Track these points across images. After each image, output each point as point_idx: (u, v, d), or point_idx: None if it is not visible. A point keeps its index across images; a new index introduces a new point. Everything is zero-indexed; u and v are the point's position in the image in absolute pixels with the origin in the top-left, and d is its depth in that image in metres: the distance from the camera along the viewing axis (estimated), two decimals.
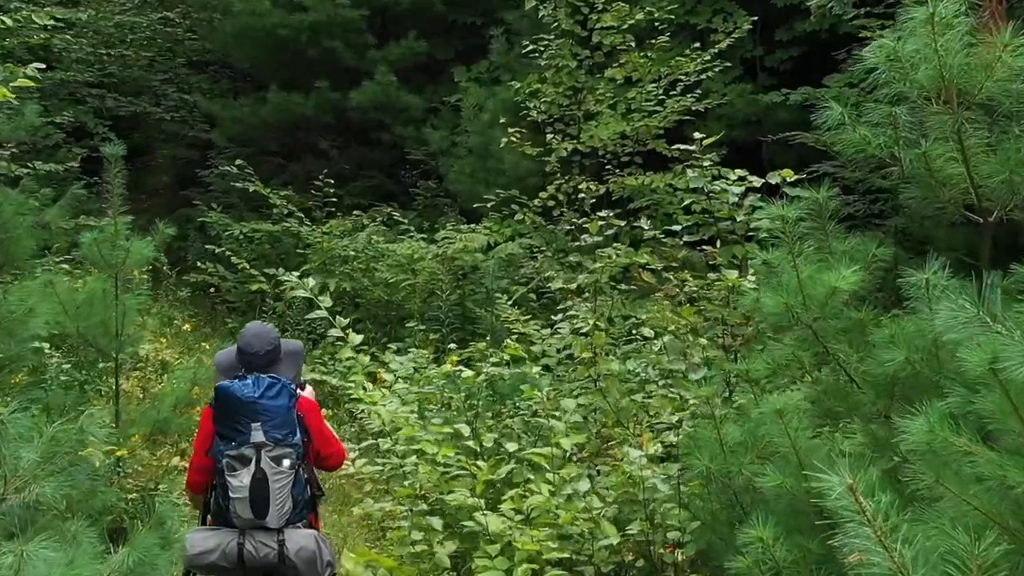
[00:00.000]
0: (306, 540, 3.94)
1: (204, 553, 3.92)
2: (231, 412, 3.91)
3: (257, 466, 3.85)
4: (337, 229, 10.99)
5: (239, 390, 3.90)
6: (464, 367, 8.18)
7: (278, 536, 3.90)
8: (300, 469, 3.98)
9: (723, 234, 4.83)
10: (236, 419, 3.89)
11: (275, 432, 3.88)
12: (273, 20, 12.85)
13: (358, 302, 9.67)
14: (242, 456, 3.87)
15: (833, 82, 9.58)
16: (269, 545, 3.90)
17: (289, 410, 3.93)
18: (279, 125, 13.60)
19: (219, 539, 3.94)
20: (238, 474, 3.86)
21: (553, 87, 9.03)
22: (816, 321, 3.50)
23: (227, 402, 3.92)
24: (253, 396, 3.88)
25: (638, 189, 8.71)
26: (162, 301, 11.65)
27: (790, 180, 4.69)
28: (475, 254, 8.99)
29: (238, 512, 3.89)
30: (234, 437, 3.88)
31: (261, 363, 4.01)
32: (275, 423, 3.89)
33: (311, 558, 3.91)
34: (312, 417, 4.10)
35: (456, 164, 11.65)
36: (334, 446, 4.21)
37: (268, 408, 3.88)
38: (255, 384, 3.91)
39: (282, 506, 3.89)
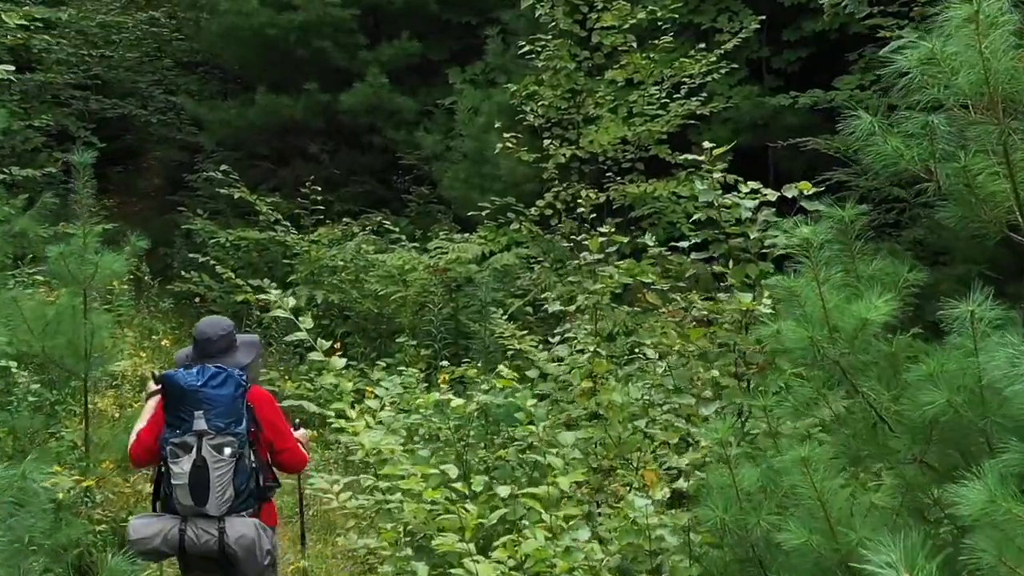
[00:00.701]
0: (246, 528, 4.00)
1: (146, 539, 4.00)
2: (175, 400, 4.00)
3: (198, 454, 3.92)
4: (326, 237, 10.64)
5: (183, 379, 4.00)
6: (456, 386, 7.91)
7: (219, 524, 3.97)
8: (246, 459, 4.05)
9: (734, 252, 4.47)
10: (180, 407, 3.98)
11: (217, 420, 3.95)
12: (261, 20, 12.50)
13: (347, 315, 9.30)
14: (184, 443, 3.94)
15: (843, 84, 9.24)
16: (209, 532, 3.97)
17: (234, 399, 4.01)
18: (267, 128, 13.25)
19: (161, 525, 4.01)
20: (180, 461, 3.94)
21: (551, 89, 8.67)
22: (844, 356, 3.13)
23: (171, 390, 4.02)
24: (195, 384, 3.97)
25: (640, 197, 8.36)
26: (143, 312, 11.28)
27: (807, 193, 4.33)
28: (469, 265, 8.63)
29: (179, 499, 3.96)
30: (178, 425, 3.96)
31: (215, 349, 4.15)
32: (217, 412, 3.96)
33: (250, 546, 3.98)
34: (264, 408, 4.18)
35: (450, 169, 11.30)
36: (288, 442, 4.26)
37: (211, 397, 3.96)
38: (199, 373, 4.01)
39: (222, 494, 3.95)
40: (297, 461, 4.36)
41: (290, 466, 4.39)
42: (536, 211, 8.60)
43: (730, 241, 4.45)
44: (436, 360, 8.43)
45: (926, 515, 3.35)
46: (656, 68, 8.46)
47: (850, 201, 3.56)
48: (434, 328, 8.35)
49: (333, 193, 12.96)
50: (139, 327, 11.05)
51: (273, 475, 4.25)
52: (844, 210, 3.51)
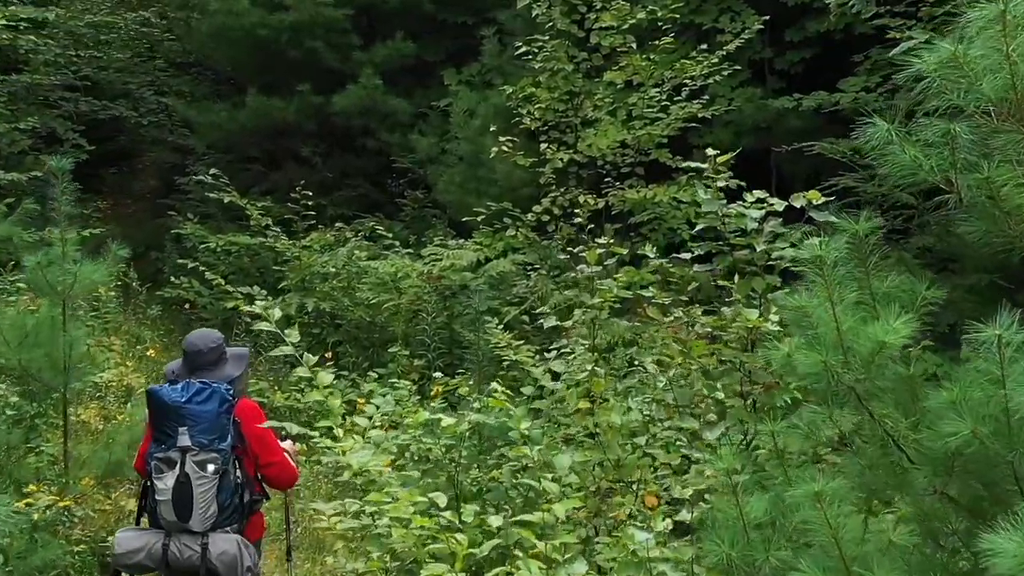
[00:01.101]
0: (228, 545, 4.02)
1: (131, 552, 4.06)
2: (160, 416, 4.03)
3: (181, 469, 3.95)
4: (318, 243, 10.45)
5: (167, 395, 4.02)
6: (450, 397, 7.71)
7: (202, 539, 4.00)
8: (231, 475, 4.06)
9: (739, 264, 4.27)
10: (165, 423, 4.01)
11: (201, 437, 3.97)
12: (252, 20, 12.30)
13: (339, 323, 9.10)
14: (168, 459, 3.98)
15: (848, 86, 9.04)
16: (192, 548, 4.00)
17: (218, 415, 4.03)
18: (259, 131, 13.05)
19: (146, 540, 4.06)
20: (163, 477, 3.98)
21: (548, 92, 8.45)
22: (860, 382, 2.93)
23: (156, 406, 4.05)
24: (179, 401, 3.99)
25: (640, 203, 8.16)
26: (131, 319, 11.09)
27: (816, 203, 4.13)
28: (463, 273, 8.42)
29: (163, 514, 4.01)
30: (163, 440, 4.00)
31: (204, 362, 4.19)
32: (201, 428, 3.98)
33: (232, 563, 4.01)
34: (250, 423, 4.17)
35: (445, 173, 11.09)
36: (276, 456, 4.26)
37: (194, 413, 3.98)
38: (184, 389, 4.03)
39: (206, 510, 3.99)
40: (285, 475, 4.33)
41: (278, 480, 4.34)
42: (533, 217, 8.39)
43: (735, 253, 4.25)
44: (430, 371, 8.23)
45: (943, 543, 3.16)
46: (656, 70, 8.25)
47: (864, 213, 3.36)
48: (428, 338, 8.14)
49: (326, 197, 12.77)
50: (126, 335, 10.86)
51: (260, 487, 4.26)
52: (857, 223, 3.31)
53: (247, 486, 4.15)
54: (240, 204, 10.85)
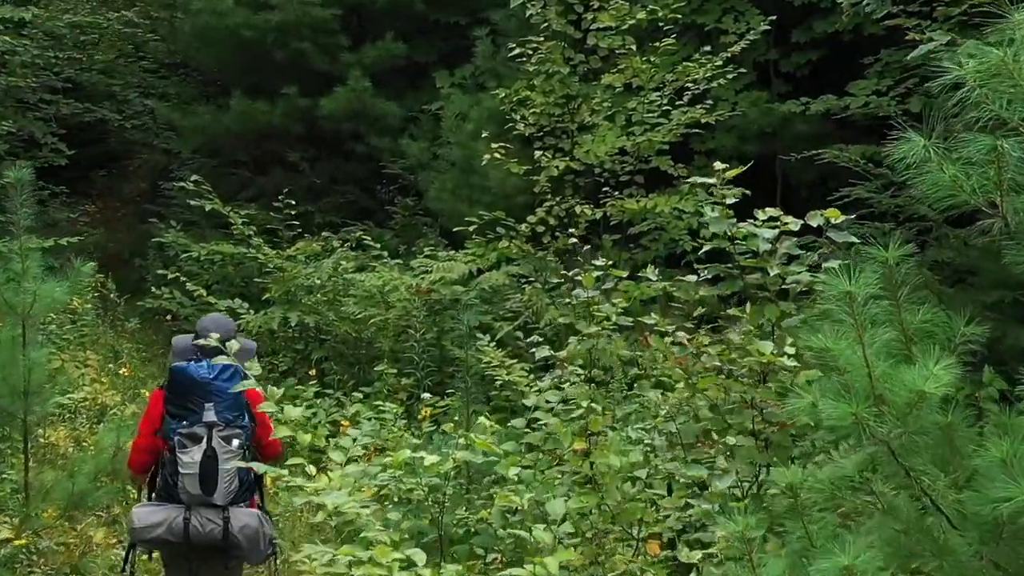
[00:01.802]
0: (249, 518, 4.21)
1: (150, 527, 4.16)
2: (185, 392, 4.19)
3: (208, 444, 4.12)
4: (304, 252, 10.08)
5: (195, 371, 4.20)
6: (440, 420, 7.35)
7: (223, 513, 4.16)
8: (246, 451, 4.26)
9: (750, 289, 3.92)
10: (190, 399, 4.17)
11: (227, 413, 4.17)
12: (236, 20, 11.94)
13: (323, 338, 8.74)
14: (194, 434, 4.14)
15: (858, 89, 8.68)
16: (215, 521, 4.14)
17: (240, 393, 4.21)
18: (244, 135, 12.69)
19: (165, 514, 4.16)
20: (189, 451, 4.12)
21: (543, 96, 8.09)
22: (895, 436, 2.58)
23: (182, 382, 4.21)
24: (208, 377, 4.17)
25: (640, 213, 7.81)
26: (107, 332, 10.72)
27: (835, 222, 3.78)
28: (454, 286, 8.06)
29: (187, 488, 4.13)
30: (187, 416, 4.16)
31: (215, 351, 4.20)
32: (227, 404, 4.18)
33: (254, 535, 4.17)
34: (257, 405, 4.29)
35: (437, 179, 10.73)
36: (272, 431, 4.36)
37: (221, 390, 4.17)
38: (210, 367, 4.18)
39: (229, 484, 4.18)
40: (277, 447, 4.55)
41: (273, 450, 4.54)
42: (527, 227, 8.04)
43: (745, 277, 3.90)
44: (419, 389, 7.88)
45: None
46: (657, 73, 7.89)
47: (894, 236, 3.01)
48: (416, 355, 7.78)
49: (314, 204, 12.42)
50: (104, 348, 10.50)
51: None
52: (888, 250, 2.96)
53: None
54: (223, 212, 10.48)
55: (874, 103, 8.15)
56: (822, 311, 5.24)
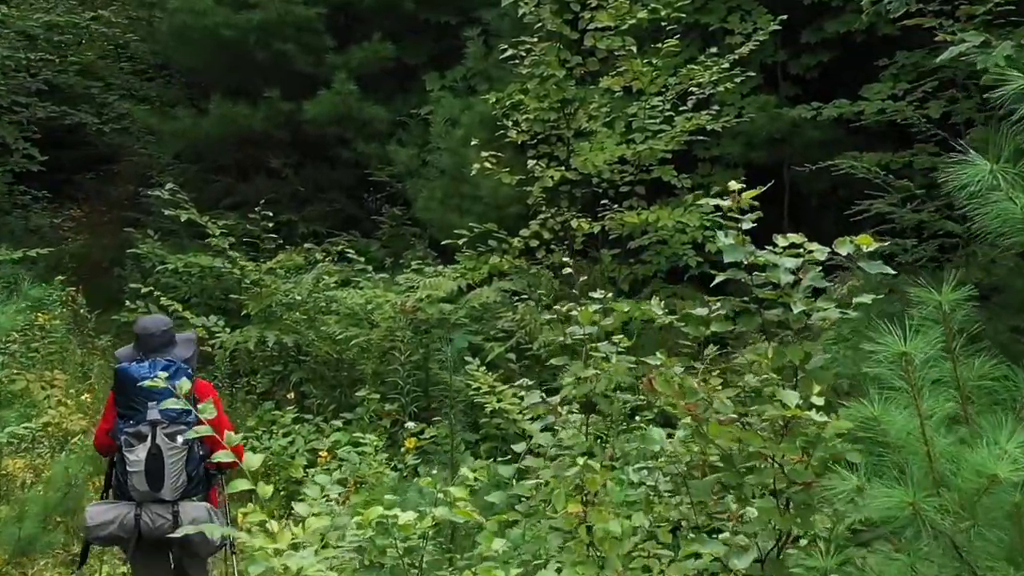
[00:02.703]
0: (199, 512, 4.29)
1: (103, 524, 4.29)
2: (128, 392, 4.29)
3: (152, 442, 4.23)
4: (286, 264, 9.59)
5: (136, 371, 4.30)
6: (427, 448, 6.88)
7: (173, 508, 4.27)
8: (194, 446, 4.34)
9: (770, 327, 3.46)
10: (133, 399, 4.28)
11: (170, 410, 4.25)
12: (216, 19, 11.48)
13: (302, 359, 8.26)
14: (139, 433, 4.26)
15: (873, 93, 8.24)
16: (164, 516, 4.26)
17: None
18: (225, 140, 12.21)
19: (117, 511, 4.29)
20: (135, 449, 4.25)
21: (536, 100, 7.62)
22: (960, 528, 2.13)
23: (125, 382, 4.31)
24: (148, 376, 4.10)
25: (640, 226, 7.36)
26: (78, 349, 10.24)
27: (868, 250, 3.33)
28: (440, 305, 7.59)
29: (135, 485, 4.26)
30: (132, 415, 4.28)
31: (157, 343, 4.41)
32: None
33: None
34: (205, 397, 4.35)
35: (425, 188, 10.27)
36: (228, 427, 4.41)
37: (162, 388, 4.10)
38: (151, 366, 4.28)
39: (176, 479, 4.28)
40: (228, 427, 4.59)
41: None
42: (519, 242, 7.57)
43: (764, 313, 3.44)
44: (403, 415, 7.42)
45: None
46: (659, 76, 7.42)
47: (949, 274, 2.56)
48: (400, 379, 7.32)
49: (298, 212, 11.97)
50: (75, 366, 10.03)
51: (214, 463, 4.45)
52: (941, 294, 2.51)
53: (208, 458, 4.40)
54: (200, 222, 9.99)
55: (891, 108, 7.70)
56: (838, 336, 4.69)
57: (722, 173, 9.31)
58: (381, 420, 7.52)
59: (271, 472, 7.33)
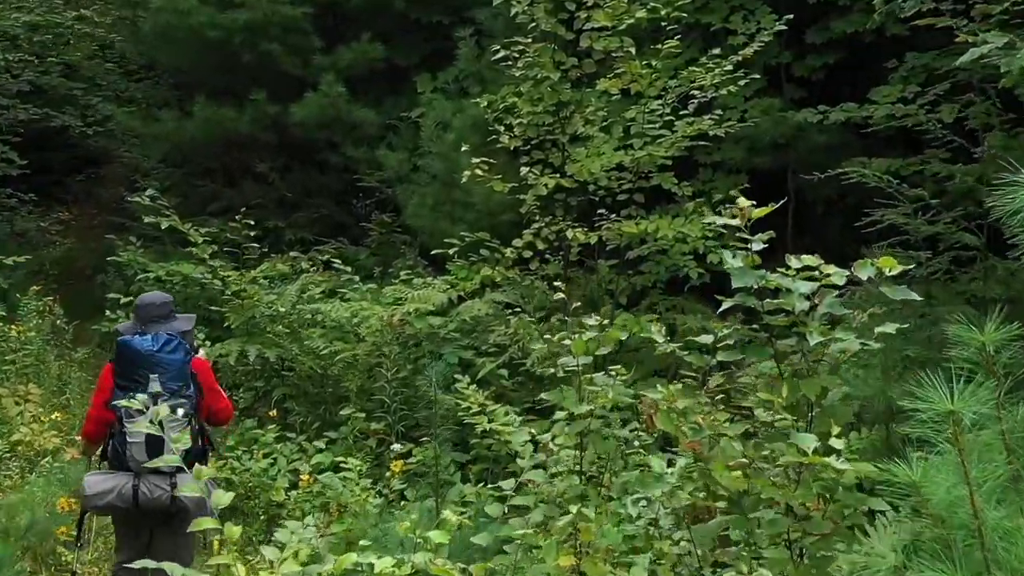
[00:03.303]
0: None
1: (101, 494, 4.41)
2: (131, 364, 4.43)
3: None
4: (270, 274, 9.27)
5: (139, 344, 4.43)
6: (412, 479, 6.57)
7: (171, 479, 4.40)
8: (192, 419, 4.51)
9: (783, 357, 3.15)
10: (135, 370, 4.40)
11: (171, 383, 4.41)
12: (200, 19, 11.16)
13: (285, 375, 7.94)
14: None
15: (882, 96, 7.94)
16: (162, 487, 4.39)
17: (184, 364, 4.50)
18: (210, 143, 11.89)
19: (115, 481, 4.41)
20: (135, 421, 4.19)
21: (530, 104, 7.30)
22: None
23: (127, 355, 4.44)
24: (152, 349, 4.40)
25: (639, 236, 7.05)
26: (56, 361, 9.91)
27: (891, 273, 3.01)
28: (429, 319, 7.27)
29: (135, 456, 4.38)
30: (134, 388, 4.30)
31: (157, 314, 4.57)
32: (171, 375, 4.43)
33: (200, 501, 4.25)
34: (204, 375, 4.69)
35: (416, 194, 9.96)
36: (223, 401, 4.85)
37: (165, 361, 4.42)
38: (154, 340, 4.44)
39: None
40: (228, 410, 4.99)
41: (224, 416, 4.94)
42: (512, 252, 7.26)
43: (777, 343, 3.13)
44: (390, 435, 7.11)
45: None
46: (659, 78, 7.11)
47: (992, 320, 2.24)
48: (387, 397, 7.00)
49: (285, 218, 11.65)
50: (52, 379, 9.70)
51: (208, 439, 4.76)
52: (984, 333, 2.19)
53: (203, 433, 4.67)
54: (181, 230, 9.66)
55: (901, 112, 7.39)
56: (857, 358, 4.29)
57: (724, 179, 9.02)
58: (367, 439, 7.21)
59: (252, 495, 7.03)
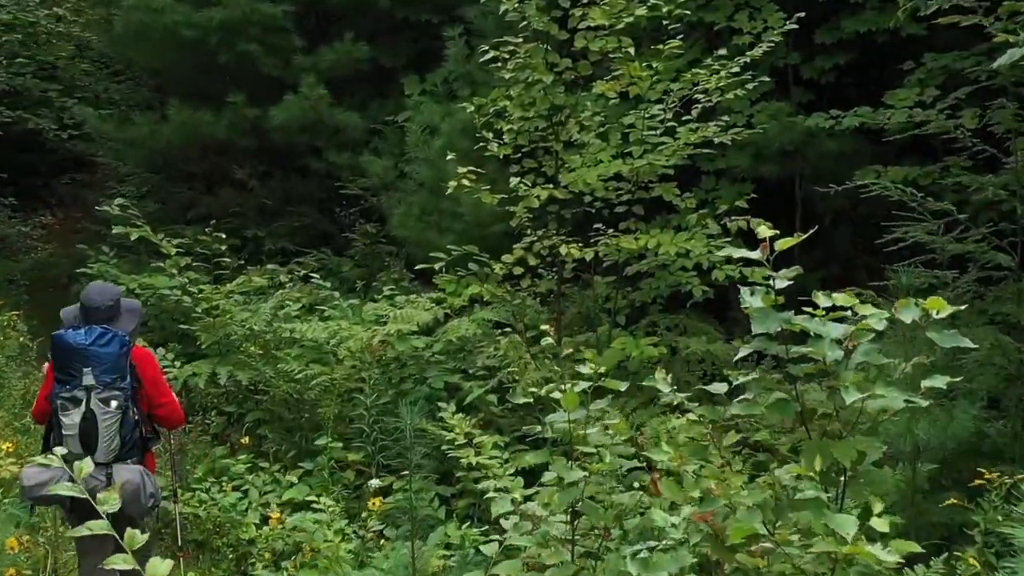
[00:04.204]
0: (131, 474, 4.54)
1: (39, 485, 4.41)
2: (65, 358, 4.50)
3: (87, 406, 4.47)
4: (246, 288, 8.79)
5: (72, 338, 4.49)
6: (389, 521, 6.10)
7: (106, 470, 4.51)
8: (129, 411, 4.58)
9: (812, 414, 2.70)
10: (70, 364, 4.48)
11: (104, 376, 4.48)
12: (175, 17, 10.69)
13: (259, 399, 7.48)
14: (74, 397, 4.47)
15: (898, 100, 7.49)
16: (98, 478, 4.47)
17: (119, 357, 4.54)
18: (187, 148, 11.41)
19: (52, 473, 4.36)
20: (70, 413, 4.47)
21: (521, 109, 6.84)
22: None
23: (61, 348, 4.51)
24: (84, 343, 4.47)
25: (638, 252, 6.60)
26: (18, 380, 9.42)
27: (939, 315, 2.56)
28: (412, 340, 6.81)
29: (70, 448, 4.42)
30: (68, 381, 4.47)
31: (101, 317, 4.57)
32: (104, 368, 4.48)
33: (135, 491, 4.49)
34: (145, 366, 4.74)
35: (402, 203, 9.50)
36: (167, 397, 4.86)
37: (98, 354, 4.47)
38: (87, 333, 4.49)
39: (110, 443, 4.52)
40: (175, 416, 4.93)
41: (168, 420, 4.93)
42: (502, 268, 6.80)
43: (805, 398, 2.68)
44: (370, 466, 6.65)
45: None
46: (660, 81, 6.65)
47: None
48: (366, 426, 6.54)
49: (265, 227, 11.19)
50: (16, 400, 9.22)
51: (152, 427, 4.83)
52: None
53: (143, 423, 4.71)
54: (154, 240, 9.17)
55: (920, 117, 6.95)
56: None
57: (728, 188, 8.58)
58: (345, 471, 6.75)
59: (220, 531, 6.57)
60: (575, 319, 8.02)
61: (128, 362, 4.57)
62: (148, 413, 4.76)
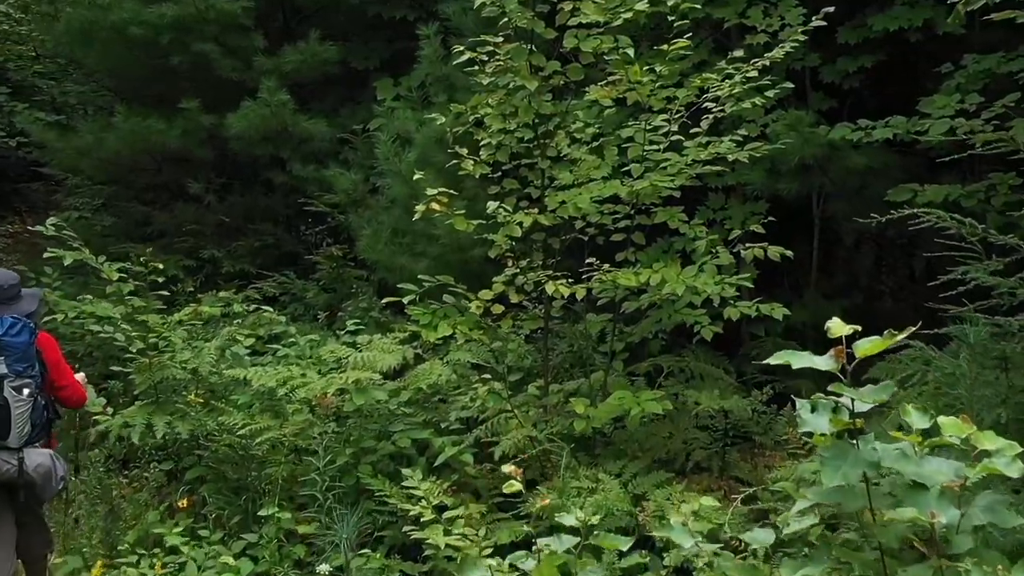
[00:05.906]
0: (43, 458, 4.98)
1: None
2: None
3: (1, 395, 4.80)
4: (192, 321, 7.90)
5: None
6: None
7: (18, 454, 4.91)
8: (38, 397, 4.98)
9: None
10: None
11: (16, 365, 4.85)
12: (123, 15, 9.85)
13: (200, 454, 6.60)
14: None
15: (934, 108, 6.66)
16: (10, 462, 4.89)
17: (29, 346, 4.91)
18: (137, 159, 10.55)
19: None
20: None
21: (501, 121, 5.98)
22: None
23: None
24: None
25: (638, 288, 5.73)
26: None
27: None
28: (374, 391, 5.93)
29: None
30: None
31: (4, 297, 4.94)
32: (16, 357, 4.85)
33: (47, 473, 4.96)
34: (49, 351, 5.12)
35: (372, 222, 8.63)
36: (67, 379, 5.24)
37: (10, 344, 4.83)
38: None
39: (22, 428, 4.90)
40: (76, 396, 5.34)
41: (70, 401, 5.35)
42: (478, 306, 5.93)
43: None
44: (323, 540, 5.77)
45: None
46: (663, 86, 5.80)
47: None
48: (319, 492, 5.66)
49: (223, 247, 10.32)
50: None
51: (54, 409, 5.25)
52: None
53: (48, 407, 5.10)
54: (92, 263, 8.26)
55: (965, 128, 6.11)
56: None
57: (738, 207, 7.74)
58: (296, 544, 5.88)
59: None
60: (566, 357, 7.16)
61: (35, 350, 4.94)
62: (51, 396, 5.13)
